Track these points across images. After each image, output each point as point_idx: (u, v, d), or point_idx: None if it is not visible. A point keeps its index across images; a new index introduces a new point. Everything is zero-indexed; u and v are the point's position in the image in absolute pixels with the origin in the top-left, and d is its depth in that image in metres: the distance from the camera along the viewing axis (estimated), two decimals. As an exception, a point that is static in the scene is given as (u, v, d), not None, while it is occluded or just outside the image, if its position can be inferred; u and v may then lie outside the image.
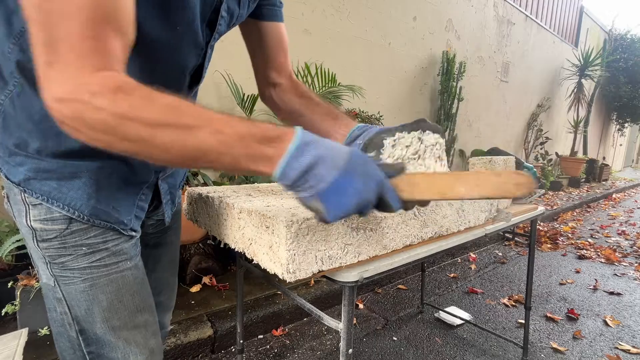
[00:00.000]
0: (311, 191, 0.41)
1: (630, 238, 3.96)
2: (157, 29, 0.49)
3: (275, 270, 0.63)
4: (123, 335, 0.59)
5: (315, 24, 3.08)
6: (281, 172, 0.41)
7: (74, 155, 0.52)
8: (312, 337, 1.82)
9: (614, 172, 11.58)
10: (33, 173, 0.51)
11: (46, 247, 0.54)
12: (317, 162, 0.41)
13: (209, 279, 2.09)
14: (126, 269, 0.59)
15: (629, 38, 8.88)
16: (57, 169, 0.52)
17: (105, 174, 0.55)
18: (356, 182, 0.42)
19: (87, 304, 0.56)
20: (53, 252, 0.54)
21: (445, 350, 1.75)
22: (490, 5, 5.18)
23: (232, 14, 0.60)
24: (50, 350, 1.44)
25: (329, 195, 0.41)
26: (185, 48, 0.55)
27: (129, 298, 0.60)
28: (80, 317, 0.57)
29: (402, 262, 0.79)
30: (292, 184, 0.42)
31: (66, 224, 0.53)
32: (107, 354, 0.59)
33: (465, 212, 0.95)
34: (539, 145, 6.84)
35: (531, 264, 1.56)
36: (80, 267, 0.55)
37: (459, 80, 4.37)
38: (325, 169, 0.41)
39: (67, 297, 0.56)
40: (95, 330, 0.57)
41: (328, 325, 0.76)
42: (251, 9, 0.68)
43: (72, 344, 0.59)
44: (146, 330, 0.63)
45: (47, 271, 0.56)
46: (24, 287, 1.51)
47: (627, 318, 2.11)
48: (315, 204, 0.42)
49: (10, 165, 0.52)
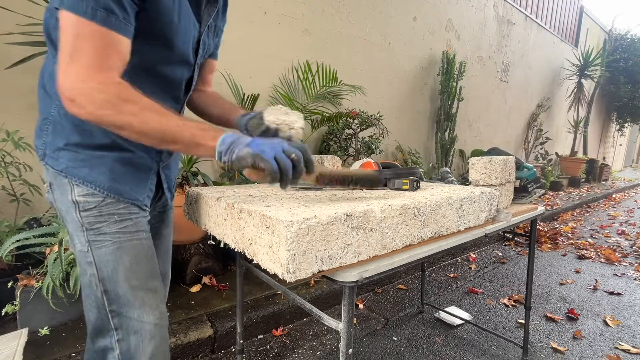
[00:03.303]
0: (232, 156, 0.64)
1: (630, 238, 3.96)
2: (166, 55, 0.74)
3: (275, 270, 0.63)
4: (140, 295, 0.73)
5: (315, 24, 3.08)
6: (217, 152, 0.63)
7: (100, 148, 0.71)
8: (312, 337, 1.82)
9: (614, 172, 11.58)
10: (72, 162, 0.70)
11: (87, 215, 0.71)
12: (234, 143, 0.63)
13: (209, 279, 2.09)
14: (144, 239, 0.76)
15: (629, 38, 8.87)
16: (89, 159, 0.71)
17: (123, 162, 0.74)
18: (260, 145, 0.63)
19: (113, 264, 0.71)
20: (92, 219, 0.71)
21: (445, 350, 1.75)
22: (490, 5, 5.18)
23: (206, 43, 0.86)
24: (51, 350, 1.44)
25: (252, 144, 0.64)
26: (182, 66, 0.80)
27: (145, 262, 0.75)
28: (106, 278, 0.71)
29: (402, 262, 0.79)
30: (220, 157, 0.63)
31: (103, 197, 0.71)
32: (125, 312, 0.71)
33: (465, 212, 0.95)
34: (539, 145, 6.84)
35: (531, 264, 1.56)
36: (112, 231, 0.72)
37: (459, 80, 4.37)
38: (239, 146, 0.63)
39: (97, 260, 0.70)
40: (117, 289, 0.71)
41: (328, 325, 0.76)
42: (215, 43, 0.94)
43: (97, 303, 0.71)
44: (157, 295, 0.76)
45: (82, 238, 0.71)
46: (24, 287, 1.51)
47: (627, 318, 2.11)
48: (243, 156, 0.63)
49: (54, 159, 0.71)
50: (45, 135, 0.71)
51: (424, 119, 4.48)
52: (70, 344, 1.48)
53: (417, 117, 4.37)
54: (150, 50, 0.70)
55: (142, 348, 0.71)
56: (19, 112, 1.85)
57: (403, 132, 4.17)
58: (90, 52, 0.58)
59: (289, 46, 2.90)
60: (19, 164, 1.77)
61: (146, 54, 0.69)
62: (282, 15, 2.82)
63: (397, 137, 4.03)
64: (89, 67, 0.57)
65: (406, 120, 4.21)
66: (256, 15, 2.67)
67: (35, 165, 1.86)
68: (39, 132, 0.73)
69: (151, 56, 0.71)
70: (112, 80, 0.59)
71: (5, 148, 1.73)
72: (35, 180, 1.84)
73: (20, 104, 1.86)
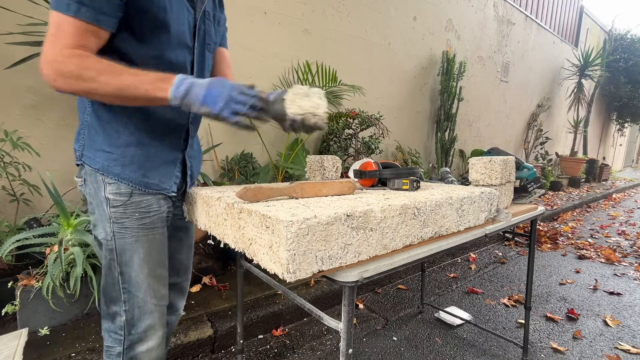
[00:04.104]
0: (197, 104, 0.70)
1: (630, 238, 3.96)
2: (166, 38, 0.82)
3: (275, 270, 0.63)
4: (148, 280, 0.88)
5: (315, 24, 3.08)
6: (172, 95, 0.70)
7: (128, 146, 0.83)
8: (312, 337, 1.82)
9: (614, 172, 11.58)
10: (107, 162, 0.83)
11: (114, 211, 0.84)
12: (191, 87, 0.70)
13: (209, 279, 2.09)
14: (157, 234, 0.90)
15: (629, 38, 8.87)
16: (120, 158, 0.83)
17: (149, 157, 0.87)
18: (217, 89, 0.70)
19: (130, 253, 0.86)
20: (118, 215, 0.84)
21: (445, 350, 1.75)
22: (490, 5, 5.18)
23: (202, 29, 0.92)
24: (51, 350, 1.44)
25: (206, 99, 0.70)
26: (183, 49, 0.87)
27: (155, 254, 0.90)
28: (123, 262, 0.86)
29: (402, 262, 0.79)
30: (180, 102, 0.70)
31: (128, 197, 0.85)
32: (134, 292, 0.87)
33: (465, 212, 0.95)
34: (539, 145, 6.84)
35: (531, 264, 1.56)
36: (133, 226, 0.86)
37: (459, 80, 4.37)
38: (197, 89, 0.70)
39: (118, 248, 0.85)
40: (131, 273, 0.86)
41: (328, 325, 0.76)
42: (220, 32, 1.01)
43: (114, 280, 0.87)
44: (160, 281, 0.92)
45: (108, 229, 0.85)
46: (24, 287, 1.51)
47: (627, 318, 2.11)
48: (204, 109, 0.70)
49: (91, 158, 0.83)
50: (82, 139, 0.84)
51: (424, 119, 4.48)
52: (70, 344, 1.48)
53: (417, 117, 4.37)
54: (154, 38, 0.80)
55: (142, 319, 0.89)
56: (19, 112, 1.86)
57: (403, 132, 4.17)
58: (63, 37, 0.68)
59: (289, 46, 2.90)
60: (18, 164, 1.77)
61: (153, 41, 0.80)
62: (282, 15, 2.82)
63: (397, 137, 4.03)
64: (61, 48, 0.67)
65: (406, 120, 4.21)
66: (256, 15, 2.67)
67: (35, 165, 1.86)
68: (77, 137, 0.86)
69: (156, 43, 0.80)
70: (74, 53, 0.67)
71: (4, 148, 1.73)
72: (35, 180, 1.84)
73: (20, 104, 1.86)
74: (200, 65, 0.93)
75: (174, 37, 0.82)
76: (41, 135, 1.92)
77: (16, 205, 1.84)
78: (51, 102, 1.92)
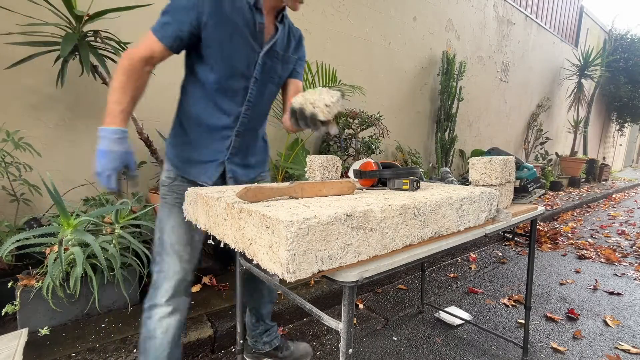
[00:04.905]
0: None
1: (630, 238, 3.96)
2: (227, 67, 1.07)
3: (275, 270, 0.63)
4: (173, 248, 1.10)
5: (315, 24, 3.08)
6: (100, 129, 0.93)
7: (183, 144, 1.12)
8: (312, 337, 1.82)
9: (614, 172, 11.58)
10: (170, 150, 1.14)
11: (162, 189, 1.13)
12: (101, 139, 0.92)
13: (208, 279, 2.09)
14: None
15: (629, 38, 8.87)
16: (178, 151, 1.13)
17: (193, 153, 1.12)
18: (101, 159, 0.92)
19: (164, 222, 1.11)
20: (164, 192, 1.13)
21: (445, 350, 1.75)
22: (490, 5, 5.19)
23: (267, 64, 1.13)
24: (51, 350, 1.44)
25: (97, 156, 0.92)
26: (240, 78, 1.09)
27: (178, 229, 1.11)
28: (159, 229, 1.12)
29: (402, 262, 0.79)
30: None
31: (171, 180, 1.13)
32: (161, 255, 1.10)
33: (465, 212, 0.95)
34: (539, 145, 6.84)
35: (531, 264, 1.56)
36: (170, 203, 1.11)
37: (459, 80, 4.37)
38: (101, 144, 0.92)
39: (159, 216, 1.12)
40: (163, 237, 1.10)
41: (328, 325, 0.76)
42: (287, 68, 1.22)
43: (155, 243, 1.12)
44: (181, 257, 1.11)
45: (160, 201, 1.13)
46: (24, 287, 1.51)
47: (627, 318, 2.11)
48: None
49: (168, 148, 1.15)
50: (170, 134, 1.15)
51: (424, 119, 4.48)
52: (70, 344, 1.48)
53: (417, 117, 4.37)
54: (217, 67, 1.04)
55: (164, 278, 1.09)
56: (19, 112, 1.86)
57: (403, 132, 4.17)
58: (139, 50, 0.97)
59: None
60: (19, 164, 1.77)
61: (216, 69, 1.04)
62: (282, 15, 2.81)
63: (397, 137, 4.03)
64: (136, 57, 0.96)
65: (406, 120, 4.21)
66: (256, 15, 2.67)
67: (35, 165, 1.86)
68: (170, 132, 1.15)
69: (218, 71, 1.04)
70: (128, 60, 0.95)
71: (6, 148, 1.73)
72: (35, 180, 1.85)
73: (21, 104, 1.86)
74: (260, 92, 1.14)
75: (233, 69, 1.05)
76: (41, 135, 1.92)
77: (16, 205, 1.84)
78: (51, 102, 1.92)
